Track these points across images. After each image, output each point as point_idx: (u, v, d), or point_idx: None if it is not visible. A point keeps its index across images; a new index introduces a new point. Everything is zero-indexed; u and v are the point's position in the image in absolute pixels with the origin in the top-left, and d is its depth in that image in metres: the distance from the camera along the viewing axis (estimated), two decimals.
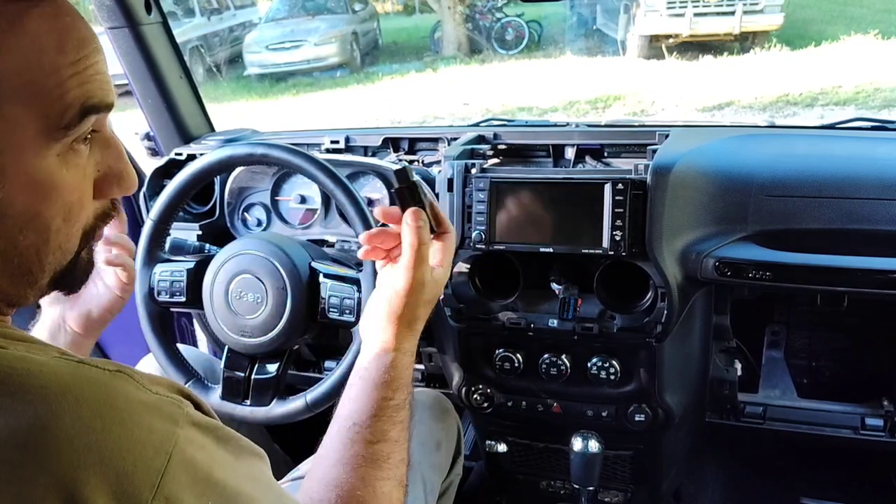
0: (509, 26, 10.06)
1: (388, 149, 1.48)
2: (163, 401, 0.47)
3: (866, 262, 1.08)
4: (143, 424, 0.44)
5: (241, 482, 0.50)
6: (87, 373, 0.45)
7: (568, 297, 1.11)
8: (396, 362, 0.80)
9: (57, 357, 0.46)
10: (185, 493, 0.44)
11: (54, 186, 0.51)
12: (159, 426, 0.45)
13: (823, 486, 1.60)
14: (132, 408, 0.45)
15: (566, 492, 1.46)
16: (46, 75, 0.49)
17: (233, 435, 0.53)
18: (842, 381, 1.50)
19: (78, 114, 0.51)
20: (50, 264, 0.54)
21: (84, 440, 0.41)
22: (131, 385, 0.46)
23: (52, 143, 0.50)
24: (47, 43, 0.49)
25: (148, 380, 0.48)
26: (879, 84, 6.25)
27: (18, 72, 0.48)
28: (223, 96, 8.93)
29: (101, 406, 0.43)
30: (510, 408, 1.27)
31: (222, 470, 0.48)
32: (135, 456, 0.43)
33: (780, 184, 1.14)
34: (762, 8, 7.80)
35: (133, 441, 0.43)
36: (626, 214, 1.05)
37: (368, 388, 0.78)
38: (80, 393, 0.43)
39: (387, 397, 0.78)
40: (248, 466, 0.52)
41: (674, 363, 1.18)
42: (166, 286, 1.20)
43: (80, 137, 0.53)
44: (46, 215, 0.51)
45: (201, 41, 9.53)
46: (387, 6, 15.09)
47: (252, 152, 1.15)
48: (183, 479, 0.45)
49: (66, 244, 0.54)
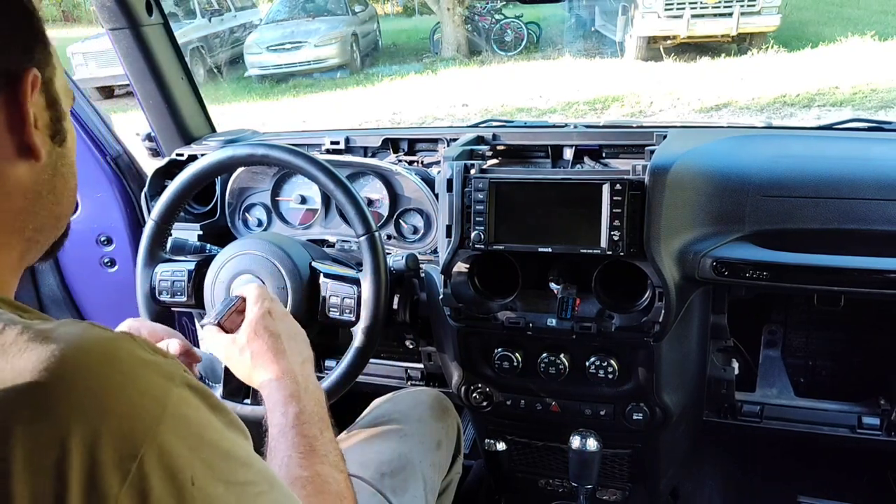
0: (508, 28, 10.08)
1: (388, 149, 1.48)
2: (161, 360, 0.50)
3: (863, 261, 1.08)
4: (143, 377, 0.47)
5: (233, 447, 0.52)
6: (94, 331, 0.48)
7: (566, 297, 1.12)
8: (267, 388, 0.85)
9: (67, 321, 0.50)
10: (178, 443, 0.46)
11: (72, 129, 0.61)
12: (157, 381, 0.48)
13: (820, 484, 1.60)
14: (134, 361, 0.47)
15: (564, 490, 1.47)
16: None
17: (224, 406, 0.55)
18: (839, 380, 1.51)
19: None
20: (69, 212, 0.63)
21: (86, 384, 0.44)
22: (135, 344, 0.49)
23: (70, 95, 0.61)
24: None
25: (150, 345, 0.51)
26: (876, 85, 6.26)
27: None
28: (224, 97, 8.94)
29: (105, 357, 0.46)
30: (509, 406, 1.28)
31: (214, 432, 0.50)
32: (132, 403, 0.45)
33: (777, 184, 1.14)
34: (759, 9, 7.82)
35: (132, 389, 0.46)
36: (624, 215, 1.06)
37: (274, 425, 0.81)
38: (87, 346, 0.46)
39: (290, 413, 0.80)
40: (235, 437, 0.54)
41: (671, 362, 1.19)
42: (167, 286, 1.21)
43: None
44: (75, 159, 0.62)
45: (202, 42, 9.54)
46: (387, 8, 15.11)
47: (253, 153, 1.16)
48: (177, 430, 0.47)
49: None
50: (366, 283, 1.11)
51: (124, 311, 1.54)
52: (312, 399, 0.83)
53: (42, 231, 0.59)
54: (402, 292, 1.20)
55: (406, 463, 1.09)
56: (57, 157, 0.58)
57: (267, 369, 0.86)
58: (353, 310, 1.13)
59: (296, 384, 0.84)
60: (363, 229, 1.10)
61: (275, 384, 0.84)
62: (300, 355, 0.90)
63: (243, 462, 0.52)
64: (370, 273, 1.10)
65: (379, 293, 1.11)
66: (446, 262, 1.16)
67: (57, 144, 0.58)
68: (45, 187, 0.57)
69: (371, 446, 1.11)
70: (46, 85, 0.56)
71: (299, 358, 0.89)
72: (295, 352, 0.89)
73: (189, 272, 1.21)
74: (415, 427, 1.17)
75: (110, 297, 1.70)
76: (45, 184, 0.57)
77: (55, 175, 0.58)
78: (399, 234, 1.41)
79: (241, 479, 0.50)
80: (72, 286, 1.75)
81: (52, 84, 0.57)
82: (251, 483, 0.51)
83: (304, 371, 0.87)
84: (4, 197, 0.54)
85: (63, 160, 0.59)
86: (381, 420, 1.18)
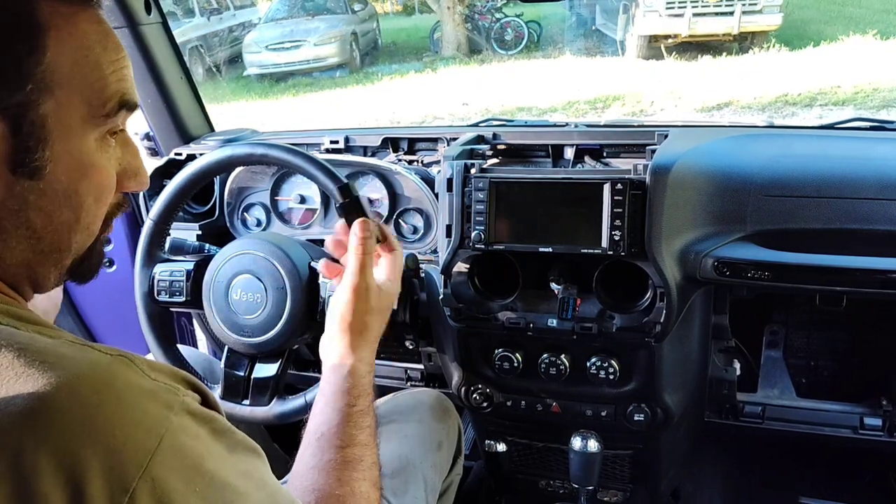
0: (508, 26, 10.07)
1: (388, 149, 1.48)
2: (160, 387, 0.49)
3: (865, 261, 1.08)
4: (138, 406, 0.46)
5: (232, 476, 0.51)
6: (89, 355, 0.47)
7: (567, 297, 1.11)
8: (354, 371, 0.83)
9: (64, 341, 0.49)
10: (172, 477, 0.45)
11: (92, 166, 0.57)
12: (153, 410, 0.47)
13: (822, 485, 1.60)
14: (129, 390, 0.46)
15: (565, 491, 1.46)
16: (92, 69, 0.56)
17: (229, 428, 0.53)
18: (840, 380, 1.51)
19: (116, 105, 0.58)
20: (76, 244, 0.59)
21: (78, 414, 0.43)
22: (131, 370, 0.48)
23: (93, 129, 0.57)
24: (94, 41, 0.57)
25: (149, 366, 0.50)
26: (878, 84, 6.26)
27: (72, 63, 0.54)
28: (223, 96, 8.93)
29: (99, 385, 0.45)
30: (509, 407, 1.28)
31: (213, 461, 0.49)
32: (126, 434, 0.44)
33: (778, 184, 1.14)
34: (761, 8, 7.81)
35: (125, 420, 0.45)
36: (625, 214, 1.05)
37: (331, 399, 0.81)
38: (80, 371, 0.45)
39: (350, 404, 0.80)
40: (241, 461, 0.53)
41: (673, 363, 1.18)
42: (166, 286, 1.20)
43: (112, 130, 0.59)
44: (82, 193, 0.57)
45: (201, 41, 9.53)
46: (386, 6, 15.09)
47: (252, 152, 1.15)
48: (172, 463, 0.46)
49: (92, 225, 0.60)
50: None
51: (122, 310, 1.54)
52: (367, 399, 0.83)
53: (30, 266, 0.56)
54: (402, 292, 1.19)
55: (406, 464, 1.09)
56: (25, 191, 0.53)
57: (366, 339, 0.86)
58: None
59: (366, 377, 0.84)
60: None
61: (364, 361, 0.84)
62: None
63: (241, 491, 0.51)
64: None
65: None
66: (446, 262, 1.16)
67: (23, 177, 0.53)
68: (10, 222, 0.54)
69: None
70: (15, 111, 0.51)
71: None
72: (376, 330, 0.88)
73: (188, 272, 1.20)
74: (415, 428, 1.16)
75: (109, 297, 1.69)
76: (9, 217, 0.53)
77: (25, 208, 0.54)
78: (399, 234, 1.40)
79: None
80: (70, 286, 1.74)
81: (28, 109, 0.52)
82: None
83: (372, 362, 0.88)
84: None
85: (40, 194, 0.54)
86: (382, 421, 1.17)
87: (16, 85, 0.52)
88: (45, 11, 0.53)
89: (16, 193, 0.53)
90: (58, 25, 0.54)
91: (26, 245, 0.55)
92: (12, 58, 0.51)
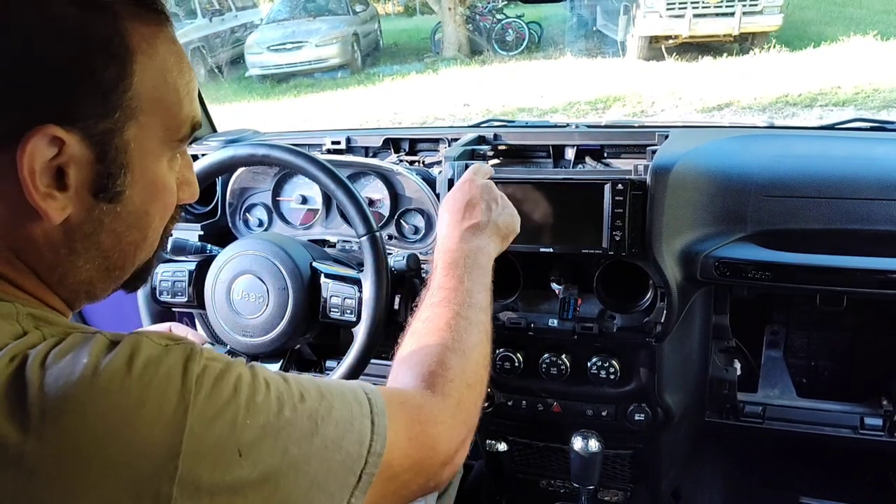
0: (509, 27, 10.06)
1: (389, 149, 1.48)
2: (173, 347, 0.49)
3: (865, 262, 1.08)
4: (161, 373, 0.47)
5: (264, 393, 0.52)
6: (103, 343, 0.47)
7: (568, 297, 1.11)
8: (454, 248, 0.87)
9: (81, 334, 0.49)
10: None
11: (164, 187, 0.58)
12: (174, 372, 0.47)
13: (822, 485, 1.60)
14: (149, 358, 0.47)
15: (566, 491, 1.46)
16: (171, 92, 0.56)
17: (250, 366, 0.54)
18: (841, 380, 1.51)
19: (189, 129, 0.59)
20: (139, 261, 0.60)
21: (104, 402, 0.45)
22: (143, 341, 0.49)
23: (167, 151, 0.58)
24: (171, 64, 0.56)
25: (158, 336, 0.50)
26: (878, 85, 6.25)
27: (153, 87, 0.54)
28: (225, 97, 8.94)
29: (118, 370, 0.46)
30: (510, 407, 1.28)
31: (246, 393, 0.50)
32: (154, 406, 0.45)
33: (779, 184, 1.14)
34: (761, 9, 7.80)
35: (150, 390, 0.46)
36: (626, 215, 1.05)
37: (437, 275, 0.85)
38: (99, 364, 0.46)
39: (455, 277, 0.83)
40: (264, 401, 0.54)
41: (673, 363, 1.18)
42: (168, 286, 1.21)
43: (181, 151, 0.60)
44: (152, 214, 0.58)
45: (203, 42, 9.53)
46: (388, 7, 15.10)
47: (254, 153, 1.15)
48: (208, 414, 0.47)
49: (154, 242, 0.61)
50: (367, 283, 1.10)
51: (125, 310, 1.54)
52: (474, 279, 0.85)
53: (91, 283, 0.58)
54: (404, 292, 1.19)
55: None
56: (103, 214, 0.54)
57: (473, 229, 0.90)
58: (354, 310, 1.12)
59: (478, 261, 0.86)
60: (364, 229, 1.10)
61: (468, 241, 0.88)
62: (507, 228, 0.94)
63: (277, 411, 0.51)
64: (371, 273, 1.10)
65: (380, 293, 1.10)
66: None
67: (104, 201, 0.53)
68: (82, 244, 0.54)
69: None
70: (101, 138, 0.51)
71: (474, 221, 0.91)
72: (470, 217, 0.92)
73: (190, 272, 1.21)
74: None
75: (111, 297, 1.69)
76: (82, 240, 0.54)
77: (99, 231, 0.54)
78: (400, 234, 1.41)
79: (287, 414, 0.51)
80: None
81: (114, 136, 0.52)
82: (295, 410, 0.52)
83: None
84: (34, 249, 0.53)
85: (115, 217, 0.55)
86: None
87: (104, 113, 0.51)
88: (132, 34, 0.52)
89: (94, 216, 0.54)
90: (142, 49, 0.53)
91: (93, 265, 0.56)
92: (101, 87, 0.51)
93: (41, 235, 0.52)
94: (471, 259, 0.86)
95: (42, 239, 0.52)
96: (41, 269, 0.54)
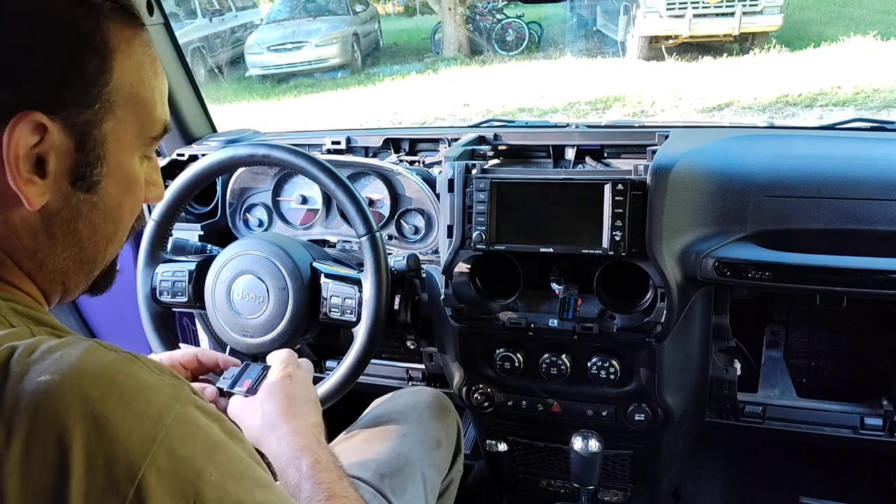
0: (510, 27, 10.06)
1: (389, 149, 1.48)
2: (167, 381, 0.49)
3: (865, 262, 1.08)
4: (142, 399, 0.47)
5: (246, 468, 0.51)
6: (94, 355, 0.47)
7: (568, 297, 1.11)
8: (276, 445, 0.80)
9: (69, 340, 0.49)
10: (187, 453, 0.46)
11: (135, 182, 0.61)
12: (159, 400, 0.47)
13: (822, 485, 1.60)
14: (133, 384, 0.47)
15: (566, 491, 1.46)
16: (146, 90, 0.59)
17: (241, 435, 0.54)
18: (841, 380, 1.51)
19: (162, 129, 0.62)
20: (109, 256, 0.63)
21: (81, 410, 0.44)
22: (137, 365, 0.49)
23: (140, 148, 0.61)
24: (147, 65, 0.59)
25: (157, 366, 0.50)
26: (878, 85, 6.25)
27: (130, 84, 0.57)
28: (225, 97, 8.94)
29: (102, 381, 0.46)
30: (510, 407, 1.28)
31: (227, 451, 0.49)
32: (130, 426, 0.45)
33: (779, 184, 1.14)
34: (761, 9, 7.80)
35: (129, 413, 0.45)
36: (626, 215, 1.05)
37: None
38: (85, 368, 0.46)
39: (303, 466, 0.76)
40: (251, 462, 0.53)
41: (673, 363, 1.18)
42: (168, 286, 1.21)
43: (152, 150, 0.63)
44: (124, 207, 0.61)
45: (203, 42, 9.53)
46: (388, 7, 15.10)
47: (254, 153, 1.16)
48: (183, 445, 0.46)
49: (123, 237, 0.64)
50: (367, 283, 1.11)
51: (125, 311, 1.55)
52: (326, 451, 0.80)
53: (67, 274, 0.59)
54: (404, 293, 1.20)
55: (405, 463, 1.09)
56: (80, 202, 0.56)
57: (278, 429, 0.82)
58: (354, 310, 1.12)
59: (307, 440, 0.80)
60: (364, 230, 1.10)
61: (285, 441, 0.80)
62: (314, 418, 0.86)
63: (262, 484, 0.51)
64: (371, 273, 1.10)
65: (380, 293, 1.10)
66: (447, 262, 1.16)
67: (81, 190, 0.56)
68: (60, 230, 0.56)
69: (370, 447, 1.11)
70: (81, 128, 0.54)
71: (313, 420, 0.86)
72: (310, 415, 0.86)
73: (190, 272, 1.21)
74: (414, 427, 1.16)
75: (111, 298, 1.69)
76: (60, 226, 0.56)
77: (76, 219, 0.57)
78: (400, 235, 1.41)
79: (260, 500, 0.50)
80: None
81: (93, 127, 0.55)
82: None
83: (316, 432, 0.84)
84: (13, 235, 0.54)
85: (91, 207, 0.57)
86: (380, 420, 1.18)
87: (85, 104, 0.54)
88: (112, 32, 0.55)
89: (71, 204, 0.56)
90: (121, 48, 0.56)
91: (69, 254, 0.58)
92: (84, 78, 0.54)
93: (19, 221, 0.54)
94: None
95: (20, 224, 0.54)
96: (20, 255, 0.56)
